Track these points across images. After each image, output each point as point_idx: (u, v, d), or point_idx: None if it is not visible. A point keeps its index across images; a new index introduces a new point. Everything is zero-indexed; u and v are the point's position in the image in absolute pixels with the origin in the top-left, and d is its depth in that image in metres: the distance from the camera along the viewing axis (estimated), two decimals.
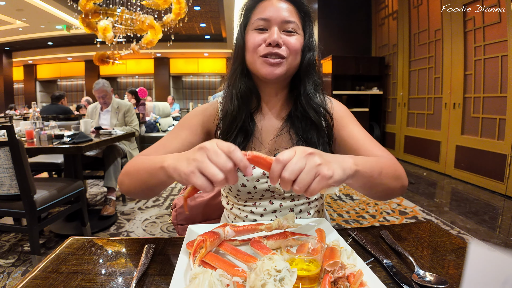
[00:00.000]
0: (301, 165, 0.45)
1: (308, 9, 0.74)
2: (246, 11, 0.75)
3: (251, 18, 0.73)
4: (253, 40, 0.70)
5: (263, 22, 0.70)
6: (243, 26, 0.75)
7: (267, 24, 0.70)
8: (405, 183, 0.65)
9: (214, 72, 12.21)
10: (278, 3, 0.71)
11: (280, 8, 0.70)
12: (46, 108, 4.09)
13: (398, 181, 0.64)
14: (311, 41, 0.75)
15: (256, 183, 0.73)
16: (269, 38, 0.69)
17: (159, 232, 2.25)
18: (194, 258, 0.49)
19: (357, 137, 0.74)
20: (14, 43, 10.08)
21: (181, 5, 5.04)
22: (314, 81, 0.76)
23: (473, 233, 2.18)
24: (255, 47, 0.70)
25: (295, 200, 0.76)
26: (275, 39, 0.68)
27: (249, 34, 0.72)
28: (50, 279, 0.50)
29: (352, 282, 0.44)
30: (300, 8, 0.73)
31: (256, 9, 0.73)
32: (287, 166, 0.45)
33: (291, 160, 0.45)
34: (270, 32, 0.69)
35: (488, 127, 3.23)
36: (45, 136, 2.09)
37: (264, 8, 0.71)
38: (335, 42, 5.66)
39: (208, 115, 0.79)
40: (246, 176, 0.69)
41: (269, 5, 0.71)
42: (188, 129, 0.76)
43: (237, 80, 0.75)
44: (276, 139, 0.76)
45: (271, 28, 0.70)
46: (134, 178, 0.63)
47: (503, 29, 2.99)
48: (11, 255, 1.87)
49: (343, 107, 0.81)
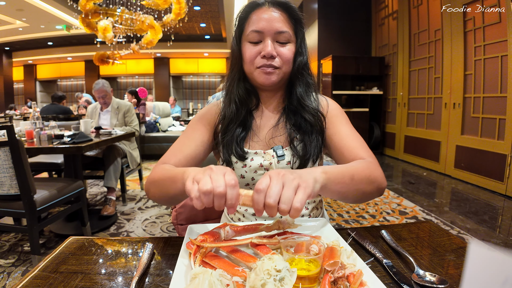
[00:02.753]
0: (280, 186, 0.46)
1: (299, 17, 0.77)
2: (240, 21, 0.78)
3: (245, 28, 0.76)
4: (249, 53, 0.74)
5: (257, 34, 0.74)
6: (238, 36, 0.78)
7: (261, 36, 0.74)
8: (381, 186, 0.66)
9: (214, 72, 12.20)
10: (271, 12, 0.74)
11: (272, 18, 0.73)
12: (46, 108, 4.09)
13: (372, 184, 0.64)
14: (302, 46, 0.78)
15: (254, 174, 0.77)
16: (264, 50, 0.72)
17: (159, 232, 2.25)
18: (195, 258, 0.49)
19: (343, 136, 0.76)
20: (14, 43, 10.07)
21: (181, 5, 5.04)
22: (306, 82, 0.80)
23: (473, 233, 2.18)
24: (252, 59, 0.75)
25: None
26: (269, 51, 0.72)
27: (245, 46, 0.76)
28: (50, 279, 0.50)
29: (352, 282, 0.44)
30: (291, 16, 0.76)
31: (249, 19, 0.76)
32: (268, 193, 0.46)
33: (270, 186, 0.46)
34: (264, 45, 0.73)
35: (488, 127, 3.23)
36: (45, 136, 2.09)
37: (258, 19, 0.74)
38: (335, 42, 5.66)
39: (213, 113, 0.84)
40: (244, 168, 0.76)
41: (261, 14, 0.74)
42: (198, 130, 0.80)
43: (235, 86, 0.80)
44: (272, 130, 0.80)
45: (265, 40, 0.73)
46: (159, 187, 0.66)
47: (503, 29, 2.99)
48: (11, 255, 1.87)
49: (337, 106, 0.84)
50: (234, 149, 0.76)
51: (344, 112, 0.83)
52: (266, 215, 0.78)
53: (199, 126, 0.81)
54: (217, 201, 0.46)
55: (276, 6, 0.75)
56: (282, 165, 0.76)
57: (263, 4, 0.75)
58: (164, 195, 0.66)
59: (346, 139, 0.75)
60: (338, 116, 0.81)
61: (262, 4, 0.75)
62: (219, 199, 0.46)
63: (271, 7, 0.74)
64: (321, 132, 0.79)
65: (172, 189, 0.61)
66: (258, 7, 0.75)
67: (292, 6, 0.76)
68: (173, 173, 0.62)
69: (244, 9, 0.77)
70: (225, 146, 0.77)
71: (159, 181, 0.66)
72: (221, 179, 0.46)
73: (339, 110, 0.83)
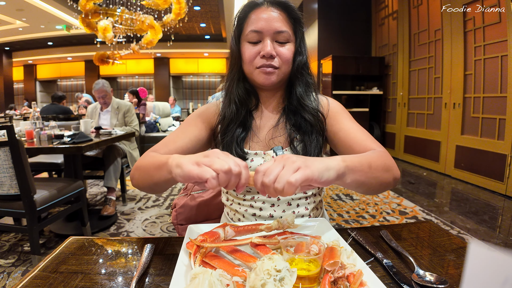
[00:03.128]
0: (280, 168, 0.47)
1: (298, 16, 0.77)
2: (239, 21, 0.78)
3: (244, 28, 0.76)
4: (248, 53, 0.74)
5: (256, 34, 0.73)
6: (237, 36, 0.78)
7: (260, 36, 0.73)
8: (396, 175, 0.66)
9: (214, 72, 12.20)
10: (270, 11, 0.73)
11: (271, 18, 0.73)
12: (46, 108, 4.09)
13: (389, 173, 0.64)
14: (301, 45, 0.78)
15: None
16: (263, 50, 0.72)
17: (159, 232, 2.25)
18: (195, 258, 0.49)
19: (350, 131, 0.76)
20: (14, 43, 10.07)
21: (181, 5, 5.04)
22: (305, 82, 0.80)
23: (473, 233, 2.18)
24: (251, 60, 0.74)
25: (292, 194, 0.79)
26: (268, 51, 0.72)
27: (244, 46, 0.75)
28: (50, 279, 0.50)
29: (352, 282, 0.44)
30: (291, 15, 0.76)
31: (248, 19, 0.75)
32: (266, 172, 0.47)
33: (270, 167, 0.47)
34: (263, 44, 0.73)
35: (488, 127, 3.23)
36: (45, 136, 2.09)
37: (257, 19, 0.73)
38: (335, 42, 5.66)
39: (212, 112, 0.83)
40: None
41: (260, 14, 0.73)
42: (195, 125, 0.79)
43: (235, 86, 0.79)
44: (272, 130, 0.80)
45: (264, 40, 0.73)
46: (143, 173, 0.66)
47: (503, 29, 2.99)
48: (11, 255, 1.87)
49: (338, 104, 0.84)
50: (234, 149, 0.76)
51: (345, 109, 0.83)
52: (266, 215, 0.78)
53: (196, 122, 0.80)
54: (234, 179, 0.48)
55: (275, 5, 0.74)
56: None
57: (262, 3, 0.75)
58: (148, 182, 0.65)
59: (354, 133, 0.75)
60: (340, 112, 0.80)
61: (261, 4, 0.75)
62: (236, 177, 0.48)
63: (270, 6, 0.74)
64: (321, 132, 0.79)
65: (156, 176, 0.61)
66: (257, 6, 0.75)
67: (291, 6, 0.76)
68: (157, 159, 0.61)
69: (243, 8, 0.77)
70: (224, 146, 0.77)
71: (144, 168, 0.66)
72: (233, 160, 0.48)
73: (340, 107, 0.83)
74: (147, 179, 0.65)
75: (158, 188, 0.66)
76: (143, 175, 0.66)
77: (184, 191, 1.14)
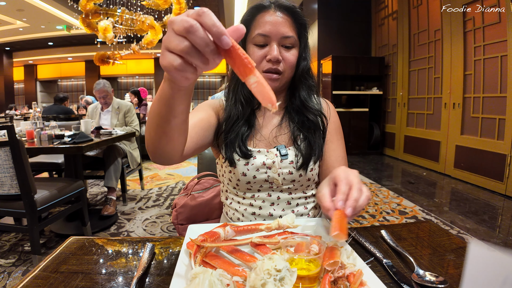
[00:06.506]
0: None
1: (304, 21, 0.77)
2: (245, 23, 0.77)
3: (251, 30, 0.76)
4: (255, 57, 0.75)
5: (263, 38, 0.74)
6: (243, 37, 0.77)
7: (267, 40, 0.74)
8: None
9: (214, 72, 12.19)
10: (277, 15, 0.74)
11: (278, 22, 0.73)
12: (47, 108, 4.09)
13: None
14: (306, 50, 0.79)
15: (256, 172, 0.77)
16: (270, 54, 0.73)
17: (159, 232, 2.25)
18: (195, 258, 0.49)
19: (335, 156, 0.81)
20: (14, 43, 10.07)
21: (181, 5, 5.04)
22: (308, 85, 0.82)
23: (472, 233, 2.18)
24: (257, 63, 0.75)
25: (292, 193, 0.80)
26: (275, 56, 0.72)
27: (250, 49, 0.76)
28: (51, 278, 0.51)
29: (352, 281, 0.44)
30: (297, 20, 0.76)
31: (255, 22, 0.75)
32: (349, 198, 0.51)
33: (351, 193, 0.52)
34: (270, 49, 0.73)
35: (488, 127, 3.23)
36: (46, 136, 2.09)
37: (264, 22, 0.73)
38: (335, 42, 5.66)
39: (217, 106, 0.84)
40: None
41: (267, 17, 0.73)
42: (205, 111, 0.80)
43: (240, 87, 0.80)
44: (276, 129, 0.81)
45: (271, 44, 0.73)
46: (151, 116, 0.54)
47: (502, 29, 2.99)
48: (11, 255, 1.87)
49: (337, 118, 0.87)
50: (238, 146, 0.76)
51: (340, 126, 0.87)
52: (266, 214, 0.78)
53: (206, 108, 0.80)
54: (198, 40, 0.34)
55: (282, 10, 0.74)
56: (285, 164, 0.77)
57: (269, 7, 0.75)
58: (157, 122, 0.52)
59: (336, 160, 0.80)
60: (336, 133, 0.84)
61: (268, 7, 0.75)
62: (199, 34, 0.33)
63: (277, 10, 0.74)
64: (323, 132, 0.81)
65: (160, 107, 0.50)
66: (264, 9, 0.75)
67: (298, 11, 0.76)
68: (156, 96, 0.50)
69: (249, 10, 0.77)
70: (228, 144, 0.78)
71: (151, 112, 0.54)
72: (184, 17, 0.34)
73: (338, 123, 0.86)
74: (156, 120, 0.53)
75: (167, 125, 0.53)
76: (151, 117, 0.54)
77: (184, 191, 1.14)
